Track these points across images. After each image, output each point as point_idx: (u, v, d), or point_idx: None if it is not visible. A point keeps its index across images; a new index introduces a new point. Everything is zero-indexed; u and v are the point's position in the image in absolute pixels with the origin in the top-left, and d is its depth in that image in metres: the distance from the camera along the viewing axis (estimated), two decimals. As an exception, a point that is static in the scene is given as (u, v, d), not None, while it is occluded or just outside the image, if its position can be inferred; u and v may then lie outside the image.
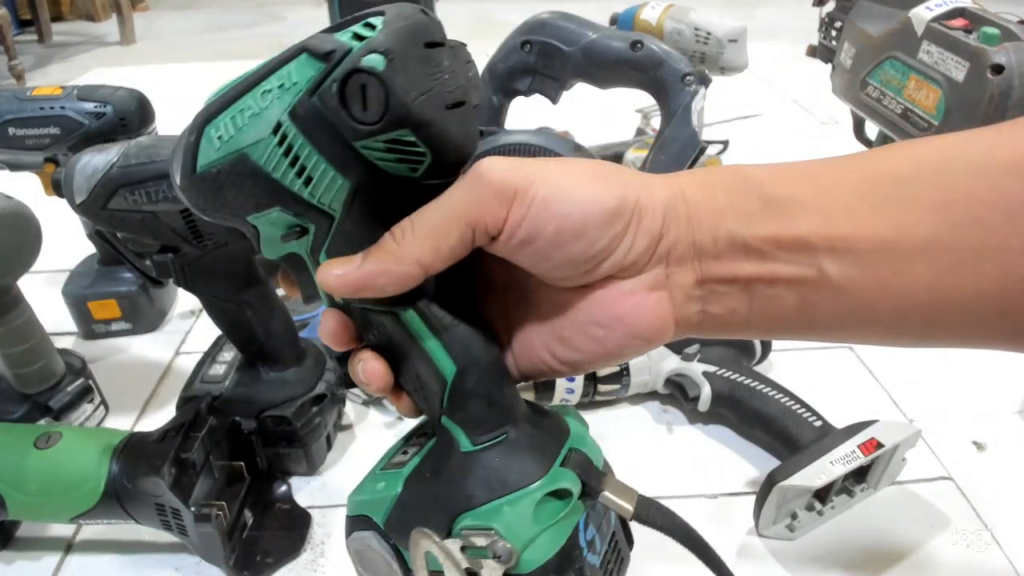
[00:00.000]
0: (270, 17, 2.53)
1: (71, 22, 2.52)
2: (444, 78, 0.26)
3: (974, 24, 0.61)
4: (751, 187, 0.28)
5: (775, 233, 0.27)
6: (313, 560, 0.56)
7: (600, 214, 0.27)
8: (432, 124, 0.26)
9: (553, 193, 0.27)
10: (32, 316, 0.62)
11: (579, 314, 0.30)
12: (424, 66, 0.26)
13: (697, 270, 0.28)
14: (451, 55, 0.27)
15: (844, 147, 1.00)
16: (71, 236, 0.83)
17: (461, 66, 0.27)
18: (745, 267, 0.28)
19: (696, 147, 0.62)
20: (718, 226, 0.28)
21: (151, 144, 0.52)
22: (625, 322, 0.29)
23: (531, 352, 0.31)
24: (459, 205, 0.27)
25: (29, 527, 0.59)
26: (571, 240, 0.27)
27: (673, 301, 0.29)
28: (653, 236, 0.28)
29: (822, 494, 0.57)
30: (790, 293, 0.27)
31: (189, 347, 0.81)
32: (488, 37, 1.99)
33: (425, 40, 0.26)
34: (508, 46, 0.67)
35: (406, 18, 0.26)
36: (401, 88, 0.25)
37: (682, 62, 0.62)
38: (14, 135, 0.71)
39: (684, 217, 0.28)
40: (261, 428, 0.60)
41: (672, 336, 0.30)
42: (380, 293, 0.28)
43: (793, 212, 0.27)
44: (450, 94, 0.26)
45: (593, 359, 0.30)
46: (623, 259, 0.28)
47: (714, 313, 0.29)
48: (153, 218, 0.52)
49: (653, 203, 0.28)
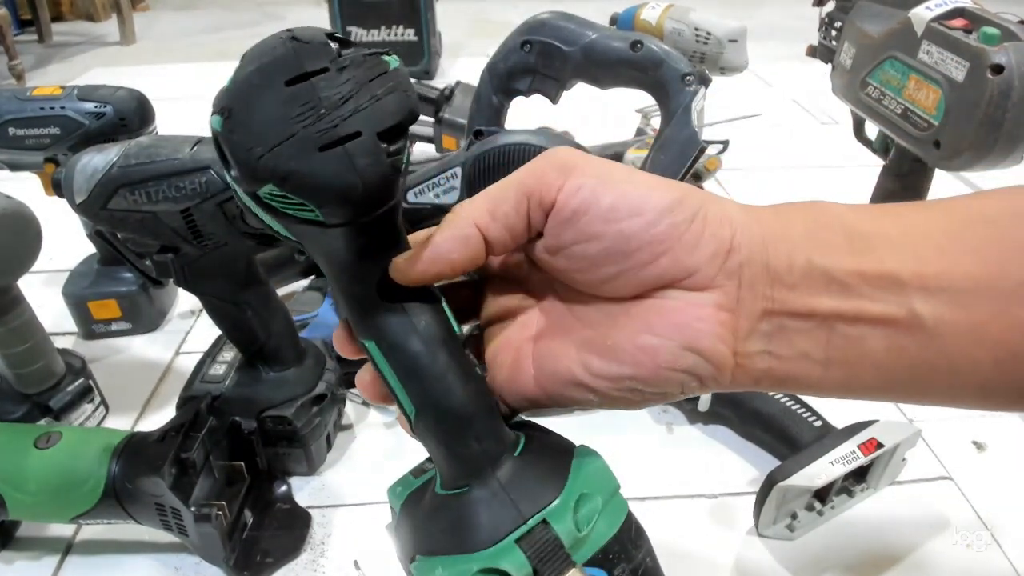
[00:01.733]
0: (270, 17, 2.53)
1: (71, 22, 2.52)
2: (316, 115, 0.23)
3: (974, 24, 0.61)
4: (831, 220, 0.26)
5: (860, 267, 0.24)
6: (313, 560, 0.56)
7: (660, 198, 0.25)
8: (294, 175, 0.23)
9: (614, 174, 0.26)
10: (32, 316, 0.62)
11: (632, 322, 0.26)
12: (286, 108, 0.23)
13: (768, 298, 0.25)
14: (336, 81, 0.23)
15: (844, 147, 1.00)
16: (71, 236, 0.83)
17: (358, 89, 0.23)
18: (825, 301, 0.24)
19: (696, 147, 0.62)
20: (795, 253, 0.25)
21: (151, 144, 0.52)
22: (686, 332, 0.25)
23: (559, 367, 0.28)
24: (518, 175, 0.27)
25: (29, 527, 0.59)
26: (628, 215, 0.25)
27: (737, 329, 0.25)
28: (722, 244, 0.25)
29: (822, 494, 0.57)
30: (876, 335, 0.24)
31: (189, 347, 0.81)
32: (488, 37, 1.99)
33: (287, 77, 0.23)
34: (508, 46, 0.67)
35: (260, 57, 0.23)
36: (241, 146, 0.23)
37: (682, 62, 0.62)
38: (14, 135, 0.71)
39: (759, 237, 0.25)
40: (261, 428, 0.60)
41: (730, 377, 0.26)
42: (451, 266, 0.26)
43: (879, 247, 0.24)
44: (322, 134, 0.23)
45: (635, 372, 0.26)
46: (685, 258, 0.25)
47: (782, 356, 0.25)
48: (153, 218, 0.52)
49: (723, 213, 0.25)
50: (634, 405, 0.28)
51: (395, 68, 0.24)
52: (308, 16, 2.47)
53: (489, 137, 0.66)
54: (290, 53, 0.23)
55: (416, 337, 0.27)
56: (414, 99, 0.25)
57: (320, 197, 0.24)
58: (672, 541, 0.58)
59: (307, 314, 0.77)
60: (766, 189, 1.17)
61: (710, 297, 0.25)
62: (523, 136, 0.65)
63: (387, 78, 0.24)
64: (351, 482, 0.64)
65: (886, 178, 0.78)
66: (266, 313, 0.60)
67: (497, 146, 0.64)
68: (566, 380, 0.28)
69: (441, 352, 0.27)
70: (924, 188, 0.76)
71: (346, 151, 0.23)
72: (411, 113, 0.24)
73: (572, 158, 0.26)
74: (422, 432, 0.28)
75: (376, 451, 0.67)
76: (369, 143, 0.23)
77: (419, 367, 0.27)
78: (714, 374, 0.26)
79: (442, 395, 0.27)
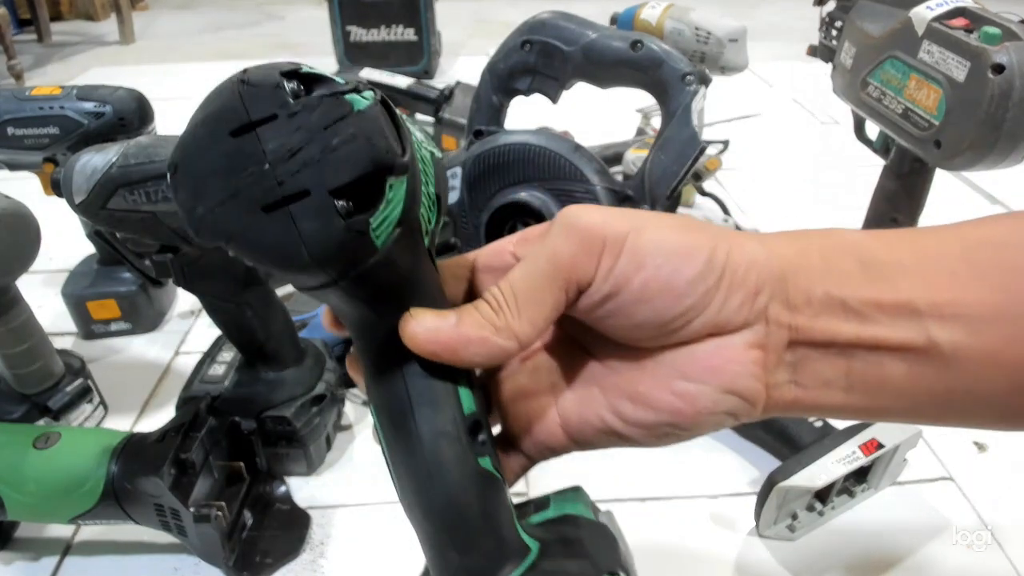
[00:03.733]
0: (270, 17, 2.53)
1: (70, 22, 2.51)
2: (259, 171, 0.20)
3: (975, 24, 0.61)
4: (846, 249, 0.26)
5: (876, 296, 0.25)
6: (312, 560, 0.56)
7: (691, 267, 0.25)
8: (235, 239, 0.20)
9: (644, 243, 0.25)
10: (31, 316, 0.62)
11: (662, 368, 0.26)
12: (229, 162, 0.20)
13: (792, 329, 0.25)
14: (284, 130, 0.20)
15: (844, 147, 0.99)
16: (70, 236, 0.83)
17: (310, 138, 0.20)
18: (844, 329, 0.25)
19: (696, 147, 0.62)
20: (813, 285, 0.25)
21: (150, 144, 0.52)
22: (722, 376, 0.25)
23: (588, 415, 0.27)
24: (549, 267, 0.25)
25: (28, 528, 0.59)
26: (659, 294, 0.25)
27: (766, 364, 0.26)
28: (748, 291, 0.25)
29: (823, 494, 0.57)
30: (895, 362, 0.25)
31: (188, 347, 0.81)
32: (488, 37, 1.98)
33: (231, 127, 0.20)
34: (508, 46, 0.67)
35: (208, 104, 0.21)
36: (185, 204, 0.21)
37: (682, 62, 0.62)
38: (13, 135, 0.71)
39: (777, 272, 0.25)
40: (261, 428, 0.60)
41: (761, 408, 0.26)
42: (468, 362, 0.25)
43: (894, 275, 0.25)
44: (265, 193, 0.20)
45: (674, 419, 0.26)
46: (715, 316, 0.25)
47: (806, 385, 0.26)
48: (152, 218, 0.52)
49: (745, 255, 0.25)
50: (663, 445, 0.27)
51: (359, 110, 0.20)
52: (308, 16, 2.47)
53: (489, 137, 0.66)
54: (236, 99, 0.20)
55: (411, 414, 0.25)
56: (381, 147, 0.20)
57: (265, 263, 0.21)
58: (673, 542, 0.57)
59: (307, 314, 0.77)
60: (766, 189, 1.17)
61: (740, 337, 0.25)
62: (523, 136, 0.65)
63: (347, 124, 0.20)
64: (350, 483, 0.63)
65: (886, 178, 0.78)
66: (266, 313, 0.60)
67: (497, 146, 0.64)
68: (597, 429, 0.27)
69: (438, 439, 0.25)
70: (924, 188, 0.76)
71: (290, 213, 0.20)
72: (375, 164, 0.20)
73: (597, 228, 0.25)
74: (408, 517, 0.26)
75: (376, 452, 0.67)
76: (318, 202, 0.20)
77: (408, 448, 0.25)
78: (749, 410, 0.26)
79: (424, 490, 0.25)
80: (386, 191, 0.21)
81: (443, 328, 0.24)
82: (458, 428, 0.25)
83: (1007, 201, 1.12)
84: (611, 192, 0.64)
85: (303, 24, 2.38)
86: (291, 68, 0.21)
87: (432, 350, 0.24)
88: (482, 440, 0.26)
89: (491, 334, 0.25)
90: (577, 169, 0.64)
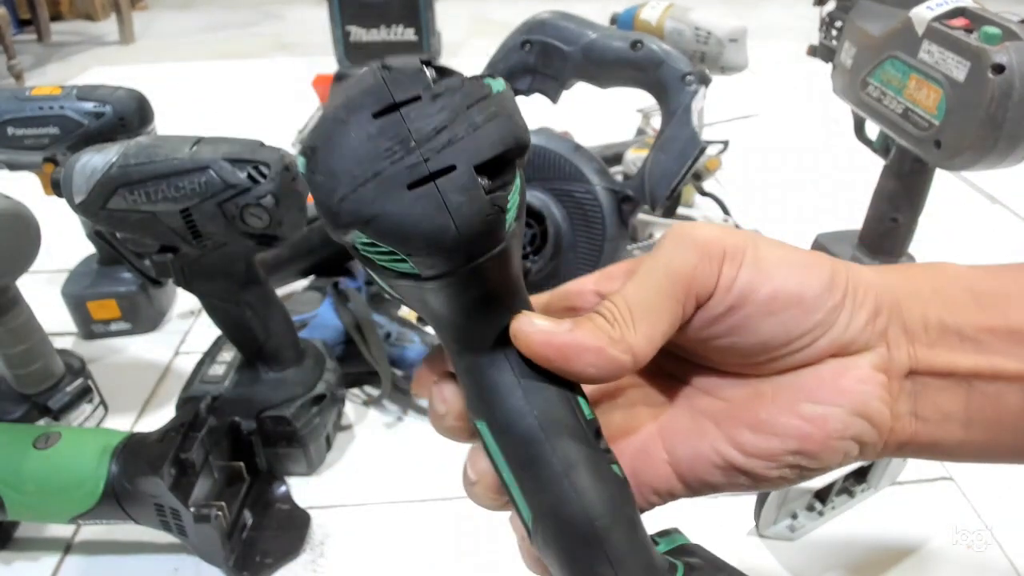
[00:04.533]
0: (270, 16, 2.53)
1: (70, 22, 2.51)
2: (405, 149, 0.20)
3: (975, 24, 0.61)
4: (954, 279, 0.25)
5: (989, 323, 0.24)
6: (312, 560, 0.56)
7: (819, 281, 0.24)
8: (379, 218, 0.20)
9: (766, 255, 0.24)
10: (31, 316, 0.62)
11: (785, 392, 0.25)
12: (372, 143, 0.20)
13: (911, 357, 0.24)
14: (429, 110, 0.20)
15: (844, 147, 1.00)
16: (70, 236, 0.83)
17: (454, 117, 0.20)
18: (962, 359, 0.24)
19: (696, 147, 0.62)
20: (928, 311, 0.24)
21: (150, 144, 0.52)
22: (853, 397, 0.24)
23: (702, 448, 0.25)
24: (666, 279, 0.24)
25: (28, 527, 0.59)
26: (788, 307, 0.24)
27: (891, 390, 0.24)
28: (870, 312, 0.24)
29: (822, 494, 0.57)
30: (1012, 392, 0.24)
31: (188, 347, 0.81)
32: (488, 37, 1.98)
33: (374, 109, 0.20)
34: (508, 46, 0.67)
35: (348, 89, 0.21)
36: (323, 188, 0.21)
37: (682, 62, 0.62)
38: (13, 135, 0.71)
39: (893, 298, 0.25)
40: (261, 428, 0.60)
41: (885, 439, 0.25)
42: (580, 373, 0.23)
43: (1003, 304, 0.24)
44: (411, 170, 0.20)
45: (802, 446, 0.24)
46: (841, 335, 0.24)
47: (927, 418, 0.25)
48: (152, 218, 0.52)
49: (863, 279, 0.25)
50: (785, 485, 0.25)
51: (498, 92, 0.21)
52: (308, 16, 2.47)
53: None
54: (379, 83, 0.20)
55: (534, 419, 0.23)
56: (521, 126, 0.21)
57: (409, 242, 0.20)
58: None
59: (307, 314, 0.77)
60: (766, 189, 1.17)
61: (866, 359, 0.24)
62: (523, 136, 0.65)
63: (488, 103, 0.21)
64: (350, 483, 0.64)
65: (887, 178, 0.78)
66: (266, 313, 0.60)
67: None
68: (712, 464, 0.25)
69: (568, 442, 0.23)
70: (924, 188, 0.76)
71: (438, 188, 0.20)
72: (517, 142, 0.21)
73: (715, 239, 0.24)
74: (542, 547, 0.24)
75: (376, 452, 0.67)
76: (465, 178, 0.20)
77: (538, 457, 0.23)
78: (875, 440, 0.24)
79: (566, 497, 0.23)
80: (517, 172, 0.21)
81: (558, 332, 0.23)
82: (588, 436, 0.24)
83: (1007, 201, 1.12)
84: (611, 192, 0.64)
85: (303, 24, 2.38)
86: (427, 58, 0.21)
87: (545, 354, 0.23)
88: (607, 448, 0.24)
89: (607, 345, 0.23)
90: (577, 169, 0.64)
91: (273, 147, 0.52)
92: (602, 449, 0.24)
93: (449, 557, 0.56)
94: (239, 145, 0.51)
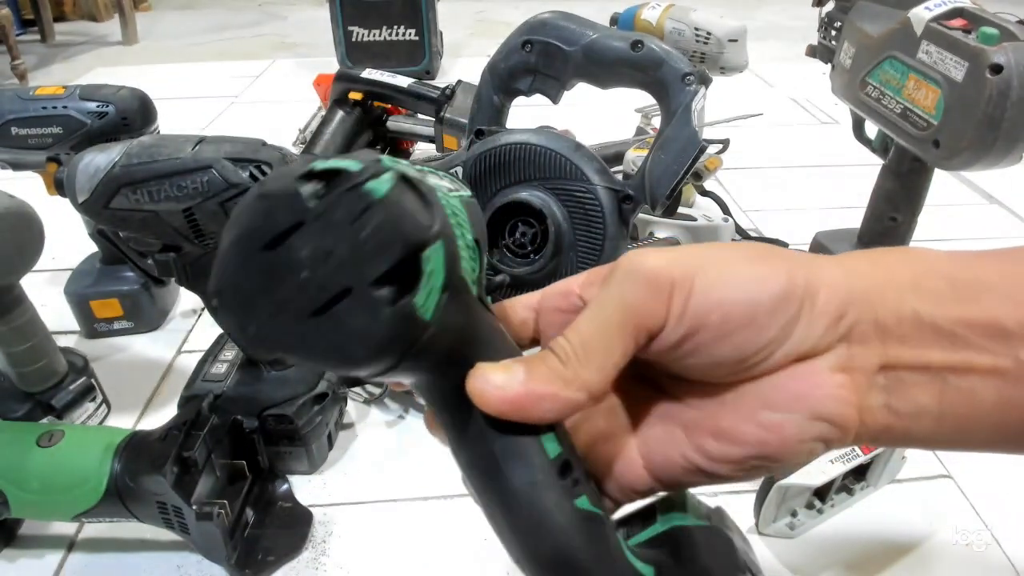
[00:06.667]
0: (271, 17, 2.53)
1: (73, 22, 2.52)
2: (299, 279, 0.20)
3: (973, 24, 0.61)
4: (933, 268, 0.25)
5: (966, 315, 0.24)
6: (315, 559, 0.57)
7: (769, 297, 0.24)
8: (292, 350, 0.21)
9: (715, 279, 0.24)
10: (34, 315, 0.62)
11: (744, 401, 0.25)
12: (267, 278, 0.20)
13: (881, 353, 0.24)
14: (314, 234, 0.20)
15: (844, 147, 1.00)
16: (73, 235, 0.83)
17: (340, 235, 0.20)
18: (936, 353, 0.24)
19: (696, 147, 0.62)
20: (902, 304, 0.24)
21: (153, 143, 0.52)
22: (807, 402, 0.24)
23: (672, 454, 0.27)
24: (616, 315, 0.24)
25: (32, 525, 0.59)
26: (739, 329, 0.24)
27: (856, 387, 0.25)
28: (831, 316, 0.24)
29: (822, 492, 0.57)
30: (987, 386, 0.24)
31: (191, 346, 0.81)
32: (489, 37, 1.98)
33: (261, 244, 0.20)
34: (509, 46, 0.67)
35: (234, 226, 0.21)
36: (235, 326, 0.21)
37: (682, 62, 0.62)
38: (17, 134, 0.72)
39: (861, 293, 0.25)
40: (263, 427, 0.60)
41: (854, 433, 0.25)
42: (539, 419, 0.24)
43: (982, 294, 0.24)
44: (310, 300, 0.20)
45: (762, 452, 0.25)
46: (799, 346, 0.24)
47: (900, 411, 0.25)
48: (155, 217, 0.52)
49: (822, 279, 0.25)
50: (752, 479, 0.27)
51: (381, 198, 0.20)
52: (310, 16, 2.47)
53: (490, 136, 0.66)
54: (259, 215, 0.20)
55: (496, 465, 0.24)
56: (408, 228, 0.20)
57: (327, 365, 0.21)
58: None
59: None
60: (766, 189, 1.17)
61: (825, 362, 0.25)
62: (524, 135, 0.65)
63: (371, 214, 0.20)
64: (353, 481, 0.64)
65: (886, 177, 0.79)
66: (267, 312, 0.60)
67: (498, 145, 0.65)
68: (682, 468, 0.26)
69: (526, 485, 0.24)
70: (923, 187, 0.77)
71: (338, 314, 0.20)
72: (407, 248, 0.20)
73: (662, 270, 0.24)
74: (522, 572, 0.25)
75: (378, 450, 0.67)
76: (361, 298, 0.20)
77: (501, 497, 0.24)
78: (840, 436, 0.25)
79: (530, 544, 0.24)
80: (423, 268, 0.21)
81: (511, 385, 0.23)
82: (548, 475, 0.24)
83: (1005, 201, 1.13)
84: (612, 191, 0.64)
85: (305, 24, 2.39)
86: (305, 170, 0.21)
87: (501, 409, 0.24)
88: (575, 479, 0.25)
89: (560, 388, 0.24)
90: (578, 169, 0.64)
91: (275, 146, 0.52)
92: (571, 483, 0.25)
93: (451, 554, 0.56)
94: (241, 144, 0.52)
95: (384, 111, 1.17)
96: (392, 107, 1.17)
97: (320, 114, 1.22)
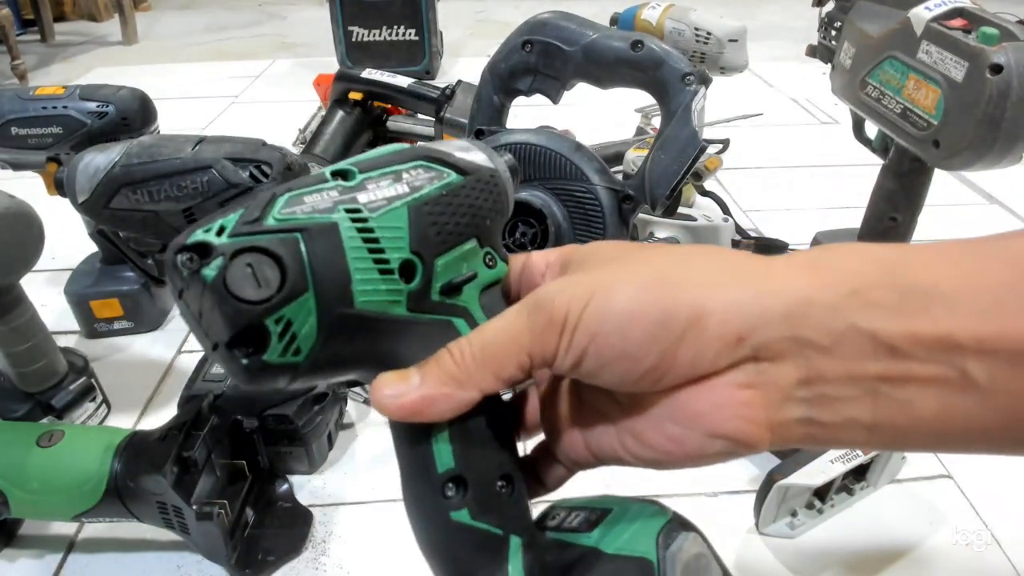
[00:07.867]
0: (271, 17, 2.53)
1: (73, 22, 2.52)
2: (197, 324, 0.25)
3: (973, 24, 0.61)
4: (881, 272, 0.24)
5: (913, 329, 0.23)
6: (315, 558, 0.57)
7: (641, 331, 0.25)
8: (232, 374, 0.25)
9: (594, 311, 0.25)
10: (34, 315, 0.62)
11: (655, 410, 0.26)
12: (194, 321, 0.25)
13: (802, 367, 0.24)
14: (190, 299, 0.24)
15: (844, 147, 1.00)
16: (73, 235, 0.83)
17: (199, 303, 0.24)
18: (870, 365, 0.23)
19: (696, 147, 0.62)
20: (834, 319, 0.24)
21: (153, 143, 0.52)
22: (705, 421, 0.25)
23: (603, 443, 0.29)
24: (519, 335, 0.26)
25: (32, 525, 0.59)
26: (614, 360, 0.25)
27: (767, 402, 0.25)
28: (727, 339, 0.24)
29: (822, 492, 0.57)
30: (926, 395, 0.23)
31: (191, 346, 0.82)
32: (489, 37, 1.98)
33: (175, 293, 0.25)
34: (509, 46, 0.67)
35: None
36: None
37: (682, 62, 0.62)
38: (17, 134, 0.72)
39: (777, 314, 0.24)
40: (263, 427, 0.60)
41: (768, 443, 0.26)
42: (436, 419, 0.26)
43: (934, 305, 0.23)
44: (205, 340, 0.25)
45: (669, 459, 0.26)
46: (692, 369, 0.25)
47: (824, 421, 0.25)
48: (155, 217, 0.52)
49: (724, 302, 0.25)
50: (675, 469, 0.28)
51: (210, 283, 0.23)
52: (310, 16, 2.47)
53: (490, 137, 0.66)
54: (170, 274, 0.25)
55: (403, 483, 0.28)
56: (229, 314, 0.23)
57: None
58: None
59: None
60: (766, 189, 1.17)
61: (727, 379, 0.25)
62: (523, 135, 0.65)
63: (206, 296, 0.23)
64: (352, 481, 0.64)
65: (886, 177, 0.79)
66: (267, 312, 0.60)
67: (498, 145, 0.65)
68: (611, 455, 0.29)
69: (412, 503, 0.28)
70: (923, 187, 0.77)
71: (218, 356, 0.24)
72: (233, 328, 0.23)
73: (562, 305, 0.26)
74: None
75: (377, 450, 0.67)
76: (224, 354, 0.24)
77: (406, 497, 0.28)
78: (747, 449, 0.26)
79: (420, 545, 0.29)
80: (269, 331, 0.23)
81: (406, 392, 0.26)
82: (428, 487, 0.27)
83: (1005, 201, 1.13)
84: (612, 191, 0.64)
85: (305, 24, 2.39)
86: (190, 242, 0.23)
87: (400, 415, 0.26)
88: (462, 492, 0.27)
89: (454, 389, 0.26)
90: (578, 168, 0.64)
91: (275, 146, 0.52)
92: (453, 497, 0.27)
93: (450, 554, 0.56)
94: (241, 144, 0.52)
95: (384, 111, 1.17)
96: (392, 107, 1.17)
97: (320, 114, 1.22)
